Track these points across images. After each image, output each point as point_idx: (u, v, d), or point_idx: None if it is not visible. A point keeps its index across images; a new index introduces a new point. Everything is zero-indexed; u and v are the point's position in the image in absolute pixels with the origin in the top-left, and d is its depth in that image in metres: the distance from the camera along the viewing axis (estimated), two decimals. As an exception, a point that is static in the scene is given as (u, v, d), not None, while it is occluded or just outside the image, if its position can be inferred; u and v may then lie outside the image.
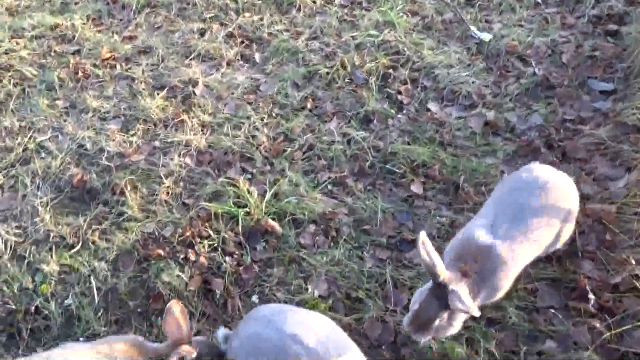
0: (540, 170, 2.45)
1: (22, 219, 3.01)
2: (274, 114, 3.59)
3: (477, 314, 2.02)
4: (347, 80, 3.79)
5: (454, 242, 2.37)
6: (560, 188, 2.37)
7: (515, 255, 2.21)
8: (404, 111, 3.57)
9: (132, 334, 2.41)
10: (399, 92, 3.69)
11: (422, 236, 2.07)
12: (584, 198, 2.90)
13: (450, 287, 2.06)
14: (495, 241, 2.21)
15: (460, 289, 2.08)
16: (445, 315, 2.14)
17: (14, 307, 2.60)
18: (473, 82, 3.65)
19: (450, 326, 2.19)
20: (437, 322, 2.14)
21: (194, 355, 2.06)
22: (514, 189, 2.41)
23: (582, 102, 3.52)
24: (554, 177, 2.41)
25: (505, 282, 2.23)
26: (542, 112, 3.45)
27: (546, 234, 2.29)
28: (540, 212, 2.28)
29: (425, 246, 2.07)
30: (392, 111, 3.57)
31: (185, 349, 2.04)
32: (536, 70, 3.79)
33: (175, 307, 2.10)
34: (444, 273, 2.09)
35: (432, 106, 3.59)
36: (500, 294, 2.25)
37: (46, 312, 2.59)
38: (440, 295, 2.09)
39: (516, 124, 3.40)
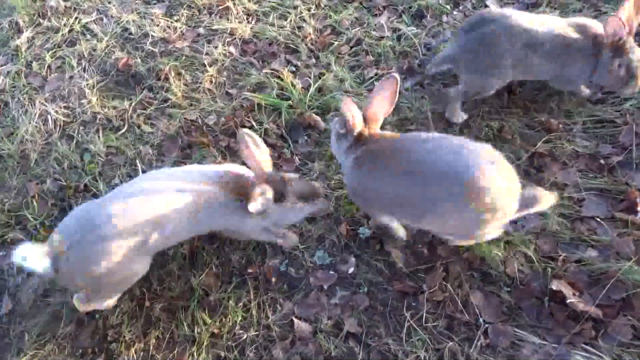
0: None
1: (70, 99, 3.05)
2: (322, 5, 3.42)
3: None
4: (402, -29, 3.54)
5: None
6: None
7: None
8: (461, 7, 3.35)
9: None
10: (457, -14, 3.44)
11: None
12: (645, 108, 2.74)
13: None
14: None
15: None
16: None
17: (64, 183, 2.71)
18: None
19: None
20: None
21: (269, 194, 2.08)
22: None
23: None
24: None
25: None
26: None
27: None
28: None
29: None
30: (448, 7, 3.35)
31: (259, 190, 2.04)
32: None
33: (246, 136, 2.09)
34: None
35: (491, 3, 3.34)
36: None
37: (94, 190, 2.69)
38: None
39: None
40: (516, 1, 3.35)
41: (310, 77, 3.04)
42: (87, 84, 3.08)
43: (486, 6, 3.32)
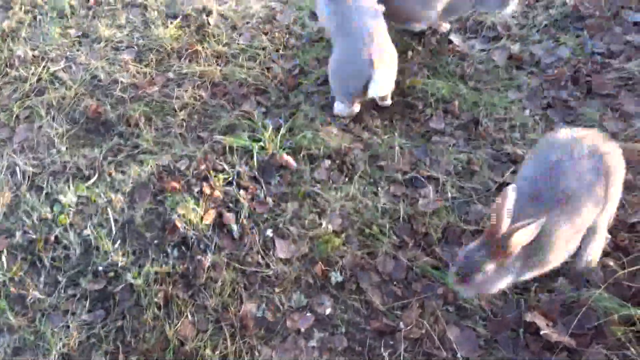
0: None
1: (39, 150, 3.03)
2: (289, 45, 3.48)
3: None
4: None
5: None
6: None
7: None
8: (425, 43, 3.43)
9: None
10: (420, 23, 3.54)
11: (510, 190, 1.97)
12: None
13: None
14: None
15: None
16: (491, 267, 2.01)
17: (34, 236, 2.67)
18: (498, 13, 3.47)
19: (494, 281, 2.06)
20: (480, 275, 2.02)
21: None
22: None
23: (613, 34, 3.35)
24: None
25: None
26: (570, 45, 3.29)
27: None
28: None
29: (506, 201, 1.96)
30: (412, 43, 3.43)
31: None
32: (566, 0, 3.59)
33: None
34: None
35: (454, 38, 3.44)
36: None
37: (65, 242, 2.65)
38: (489, 247, 1.99)
39: (542, 58, 3.26)
40: (478, 35, 3.45)
41: (280, 118, 3.07)
42: (56, 133, 3.07)
43: (450, 42, 3.41)
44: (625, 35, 3.33)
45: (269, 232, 2.66)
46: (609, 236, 2.42)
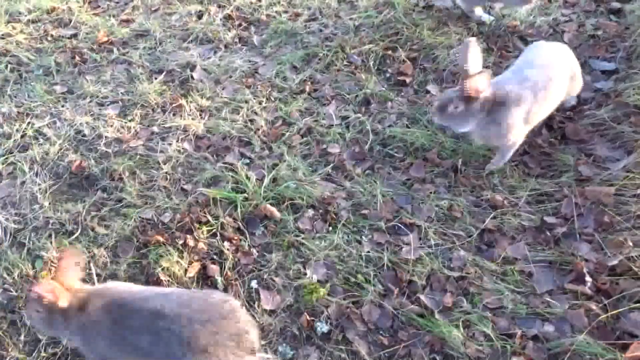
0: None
1: (22, 205, 3.02)
2: (272, 98, 3.57)
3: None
4: (345, 62, 3.76)
5: None
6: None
7: None
8: (403, 93, 3.54)
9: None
10: (398, 74, 3.66)
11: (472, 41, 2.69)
12: (582, 180, 2.90)
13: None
14: None
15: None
16: (460, 105, 2.74)
17: (15, 294, 2.63)
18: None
19: (462, 118, 2.79)
20: (451, 107, 2.76)
21: None
22: None
23: (583, 83, 3.48)
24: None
25: None
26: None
27: None
28: None
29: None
30: (391, 93, 3.54)
31: None
32: (537, 50, 3.74)
33: None
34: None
35: (432, 88, 3.56)
36: None
37: (47, 298, 2.61)
38: (461, 89, 2.72)
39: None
40: (454, 85, 3.57)
41: (264, 169, 3.11)
42: (39, 189, 3.07)
43: (427, 92, 3.52)
44: (595, 83, 3.46)
45: (254, 284, 2.65)
46: (590, 279, 2.46)
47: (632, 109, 3.15)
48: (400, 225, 2.83)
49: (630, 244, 2.53)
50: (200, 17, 4.22)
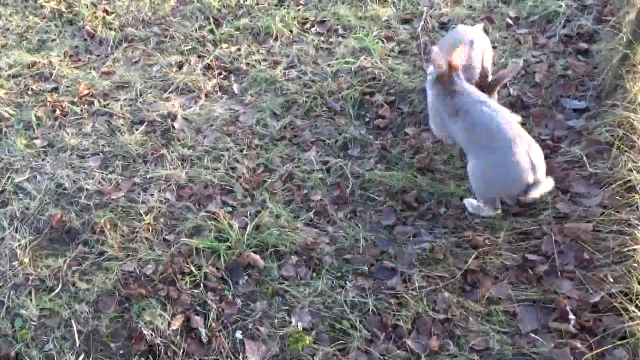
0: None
1: (0, 262, 2.98)
2: (253, 145, 3.60)
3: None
4: (325, 108, 3.83)
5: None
6: None
7: None
8: (382, 137, 3.61)
9: None
10: (377, 118, 3.74)
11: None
12: (561, 217, 2.95)
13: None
14: None
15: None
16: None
17: (-7, 354, 2.57)
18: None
19: None
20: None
21: None
22: None
23: (555, 121, 3.59)
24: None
25: None
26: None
27: None
28: None
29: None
30: (370, 137, 3.61)
31: None
32: (510, 90, 3.86)
33: None
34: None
35: (410, 130, 3.63)
36: None
37: (27, 358, 2.55)
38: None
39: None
40: (431, 127, 3.65)
41: (246, 216, 3.12)
42: (19, 245, 3.03)
43: (405, 134, 3.59)
44: (567, 121, 3.57)
45: (238, 334, 2.62)
46: (574, 317, 2.47)
47: (604, 146, 3.24)
48: (383, 268, 2.84)
49: (611, 279, 2.56)
50: (180, 67, 4.29)
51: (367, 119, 3.76)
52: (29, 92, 4.08)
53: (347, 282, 2.80)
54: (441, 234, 2.97)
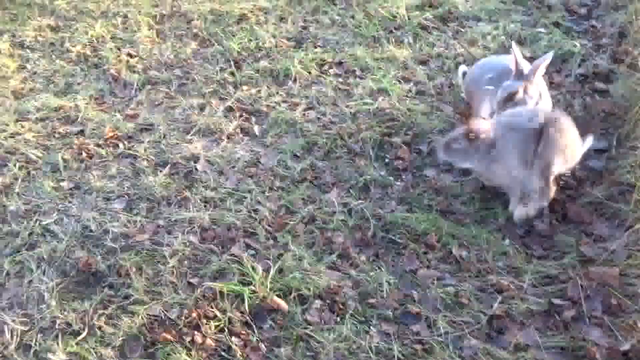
0: None
1: (28, 306, 3.01)
2: (275, 187, 3.65)
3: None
4: (345, 149, 3.88)
5: None
6: None
7: None
8: (402, 178, 3.64)
9: None
10: (396, 159, 3.78)
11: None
12: (586, 261, 2.94)
13: None
14: None
15: None
16: (463, 141, 3.21)
17: (20, 401, 2.58)
18: (468, 146, 3.74)
19: (463, 155, 3.26)
20: (455, 144, 3.23)
21: None
22: None
23: (576, 162, 3.59)
24: None
25: None
26: (538, 173, 3.52)
27: None
28: None
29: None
30: (390, 178, 3.64)
31: None
32: (529, 130, 3.88)
33: None
34: None
35: (429, 172, 3.66)
36: None
37: (53, 404, 2.56)
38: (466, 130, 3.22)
39: (514, 187, 3.46)
40: (451, 169, 3.67)
41: (269, 259, 3.14)
42: (46, 288, 3.07)
43: (425, 176, 3.62)
44: (588, 162, 3.58)
45: (263, 381, 2.62)
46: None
47: (626, 187, 3.24)
48: (407, 313, 2.83)
49: (640, 326, 2.54)
50: (202, 109, 4.38)
51: (386, 160, 3.80)
52: (56, 135, 4.18)
53: (371, 327, 2.79)
54: (465, 277, 2.97)
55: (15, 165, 3.90)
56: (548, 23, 5.10)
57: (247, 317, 2.87)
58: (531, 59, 4.54)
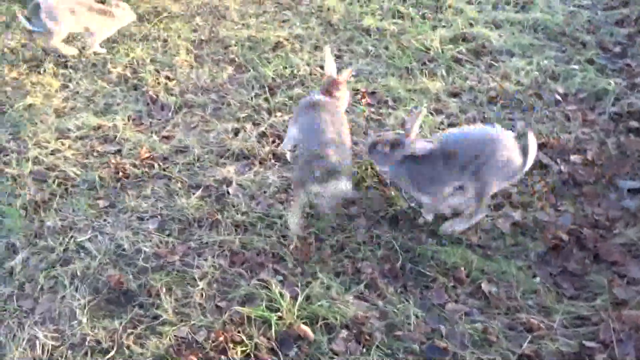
0: None
1: (60, 321, 3.08)
2: (304, 214, 3.68)
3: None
4: (375, 179, 3.91)
5: None
6: None
7: None
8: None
9: None
10: (427, 191, 3.78)
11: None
12: (618, 304, 2.88)
13: None
14: None
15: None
16: (386, 148, 3.46)
17: (49, 415, 2.62)
18: (499, 181, 3.73)
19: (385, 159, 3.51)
20: (379, 146, 3.49)
21: None
22: None
23: (609, 201, 3.56)
24: None
25: None
26: (571, 211, 3.49)
27: None
28: None
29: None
30: (421, 210, 3.64)
31: None
32: (562, 167, 3.86)
33: None
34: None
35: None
36: None
37: (80, 420, 2.60)
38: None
39: (545, 224, 3.43)
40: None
41: (297, 286, 3.16)
42: (78, 304, 3.14)
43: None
44: (621, 201, 3.53)
45: (288, 409, 2.61)
46: None
47: (661, 230, 3.19)
48: (434, 347, 2.81)
49: (675, 374, 2.47)
50: (236, 133, 4.46)
51: (417, 192, 3.80)
52: (94, 154, 4.30)
53: (397, 360, 2.78)
54: (494, 314, 2.94)
55: (54, 182, 4.02)
56: (582, 60, 5.09)
57: (274, 344, 2.88)
58: (565, 96, 4.56)
